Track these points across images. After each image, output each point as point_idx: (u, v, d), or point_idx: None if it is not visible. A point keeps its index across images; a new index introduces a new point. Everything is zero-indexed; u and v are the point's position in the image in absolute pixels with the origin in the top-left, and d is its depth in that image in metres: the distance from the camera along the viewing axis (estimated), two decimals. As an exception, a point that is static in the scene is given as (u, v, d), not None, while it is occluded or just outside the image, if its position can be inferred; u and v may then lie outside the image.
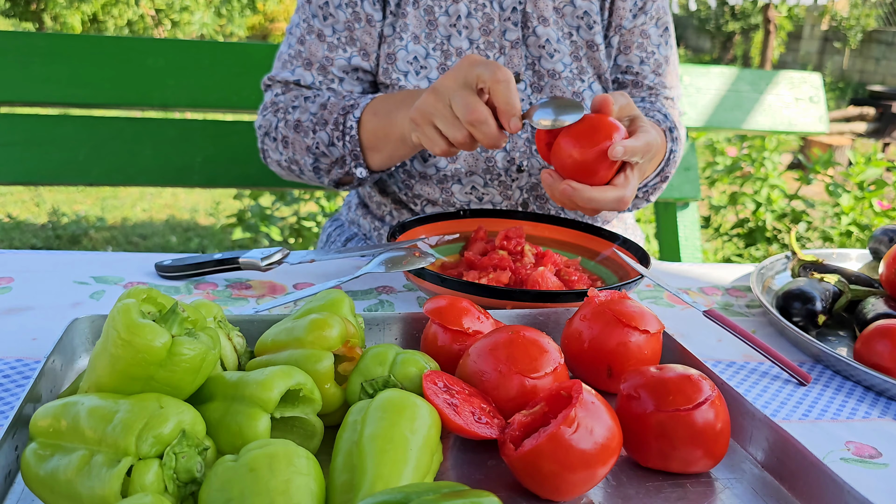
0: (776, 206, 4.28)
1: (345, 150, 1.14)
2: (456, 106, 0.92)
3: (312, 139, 1.17)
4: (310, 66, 1.22)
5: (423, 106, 0.96)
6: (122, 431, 0.51)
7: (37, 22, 10.06)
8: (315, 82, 1.23)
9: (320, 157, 1.18)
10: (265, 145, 1.25)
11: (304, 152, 1.19)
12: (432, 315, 0.74)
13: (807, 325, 0.95)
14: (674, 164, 1.23)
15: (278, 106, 1.23)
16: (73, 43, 1.68)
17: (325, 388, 0.63)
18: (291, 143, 1.19)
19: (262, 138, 1.26)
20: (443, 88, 0.95)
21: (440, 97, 0.95)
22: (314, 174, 1.21)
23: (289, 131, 1.19)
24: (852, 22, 13.65)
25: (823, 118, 2.17)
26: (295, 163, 1.21)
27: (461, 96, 0.92)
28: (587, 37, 1.24)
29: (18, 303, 0.90)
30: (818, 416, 0.78)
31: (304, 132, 1.17)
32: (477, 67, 0.93)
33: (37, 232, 4.13)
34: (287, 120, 1.20)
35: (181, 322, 0.58)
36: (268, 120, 1.24)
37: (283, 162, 1.24)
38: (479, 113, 0.91)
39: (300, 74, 1.23)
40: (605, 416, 0.58)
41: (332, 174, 1.20)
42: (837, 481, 0.57)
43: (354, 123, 1.13)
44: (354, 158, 1.15)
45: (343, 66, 1.22)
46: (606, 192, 0.92)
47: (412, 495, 0.46)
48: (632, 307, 0.74)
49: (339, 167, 1.18)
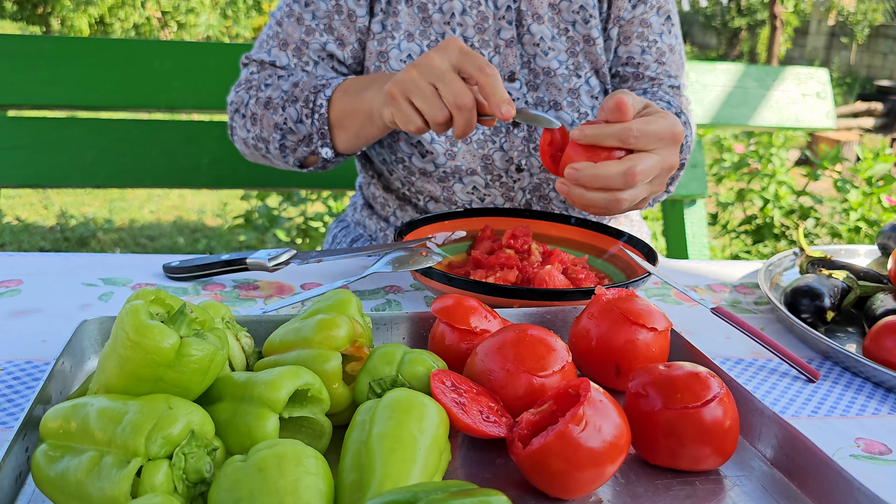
0: (784, 203, 4.26)
1: (312, 127, 1.13)
2: (444, 89, 0.92)
3: (281, 116, 1.16)
4: (285, 47, 1.22)
5: (403, 81, 0.95)
6: (131, 432, 0.51)
7: (44, 25, 10.10)
8: (290, 64, 1.23)
9: (287, 133, 1.16)
10: (234, 122, 1.25)
11: (272, 129, 1.17)
12: (440, 314, 0.74)
13: (815, 322, 0.95)
14: (687, 151, 1.21)
15: (251, 83, 1.22)
16: (79, 46, 1.69)
17: (334, 388, 0.63)
18: (260, 119, 1.18)
19: (231, 115, 1.25)
20: (427, 67, 0.93)
21: (423, 75, 0.93)
22: (280, 153, 1.20)
23: (258, 108, 1.18)
24: (859, 17, 13.58)
25: (831, 114, 2.16)
26: (262, 140, 1.20)
27: (451, 80, 0.92)
28: (583, 31, 1.24)
29: (27, 305, 0.90)
30: (827, 412, 0.77)
31: (274, 109, 1.16)
32: (465, 57, 0.92)
33: (45, 234, 4.15)
34: (258, 97, 1.19)
35: (189, 323, 0.58)
36: (240, 96, 1.23)
37: (249, 140, 1.22)
38: (469, 100, 0.92)
39: (276, 55, 1.23)
40: (614, 414, 0.58)
41: (298, 153, 1.18)
42: (847, 478, 0.57)
43: (325, 101, 1.12)
44: (321, 137, 1.13)
45: (318, 49, 1.22)
46: (610, 167, 0.88)
47: (421, 494, 0.46)
48: (639, 305, 0.74)
49: (304, 145, 1.17)
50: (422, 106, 0.94)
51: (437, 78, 0.92)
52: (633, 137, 0.88)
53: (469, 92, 0.92)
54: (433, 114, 0.93)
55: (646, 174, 0.89)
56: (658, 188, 0.95)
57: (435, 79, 0.92)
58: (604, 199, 0.90)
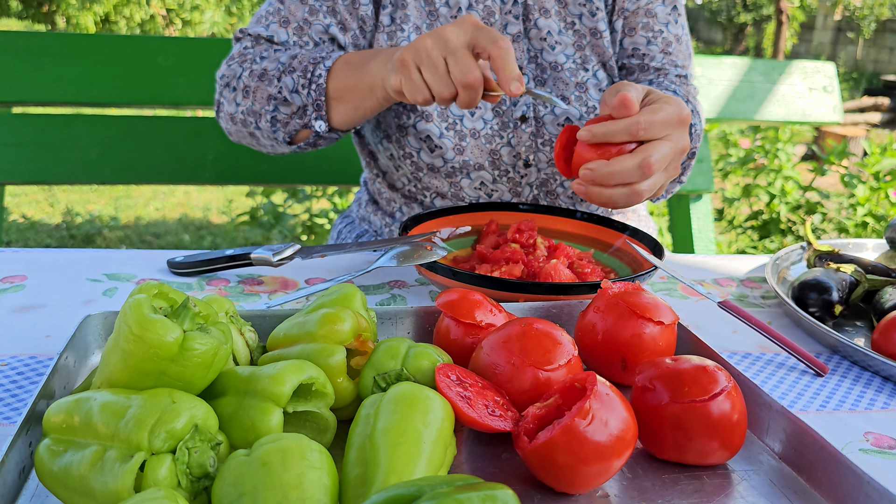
0: (790, 198, 4.24)
1: (308, 98, 1.10)
2: (454, 64, 0.92)
3: (276, 86, 1.12)
4: (286, 24, 1.19)
5: (416, 49, 0.94)
6: (134, 426, 0.51)
7: (49, 24, 10.13)
8: (289, 41, 1.19)
9: (280, 104, 1.12)
10: (222, 97, 1.20)
11: (265, 101, 1.13)
12: (445, 308, 0.73)
13: (823, 316, 0.94)
14: (697, 139, 1.19)
15: (245, 56, 1.19)
16: (84, 43, 1.69)
17: (338, 382, 0.63)
18: (253, 91, 1.14)
19: (220, 89, 1.21)
20: (441, 40, 0.93)
21: (437, 47, 0.93)
22: (270, 127, 1.15)
23: (252, 80, 1.14)
24: (865, 11, 13.52)
25: (837, 108, 2.15)
26: (252, 113, 1.15)
27: (462, 56, 0.92)
28: (590, 24, 1.23)
29: (32, 300, 0.90)
30: (836, 406, 0.77)
31: (269, 80, 1.13)
32: (480, 31, 0.92)
33: (51, 232, 4.16)
34: (252, 69, 1.15)
35: (193, 317, 0.57)
36: (232, 70, 1.19)
37: (237, 115, 1.18)
38: (476, 79, 0.92)
39: (274, 31, 1.19)
40: (620, 408, 0.57)
41: (290, 126, 1.14)
42: (857, 472, 0.56)
43: (324, 72, 1.09)
44: (316, 109, 1.10)
45: (320, 31, 1.19)
46: (624, 161, 0.88)
47: (426, 488, 0.46)
48: (646, 299, 0.74)
49: (298, 117, 1.13)
50: (430, 79, 0.94)
51: (449, 52, 0.92)
52: (642, 130, 0.87)
53: (477, 70, 0.92)
54: (440, 89, 0.94)
55: (661, 163, 0.89)
56: (674, 173, 0.94)
57: (448, 52, 0.92)
58: (623, 195, 0.90)
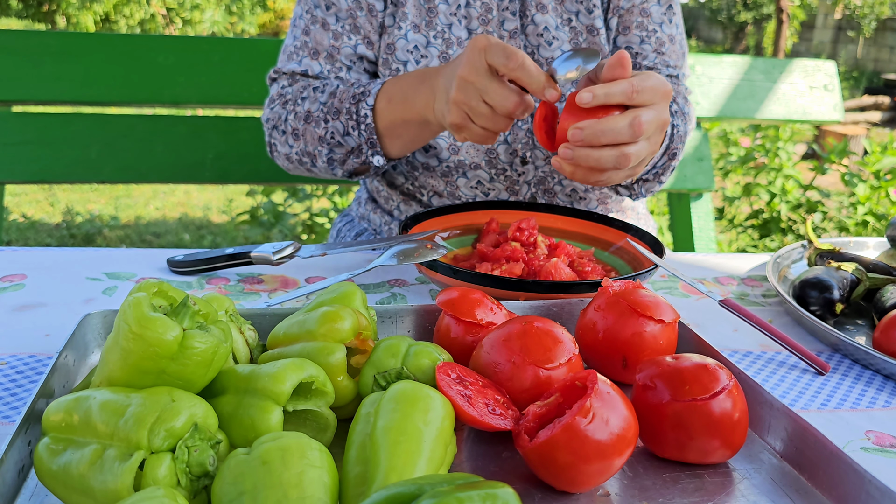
0: (791, 197, 4.24)
1: (360, 139, 1.13)
2: (492, 100, 0.93)
3: (324, 129, 1.15)
4: (317, 56, 1.21)
5: (458, 107, 0.95)
6: (134, 425, 0.50)
7: (49, 23, 10.13)
8: (323, 71, 1.22)
9: (335, 147, 1.16)
10: (273, 139, 1.24)
11: (317, 142, 1.17)
12: (445, 307, 0.73)
13: (824, 314, 0.94)
14: (679, 140, 1.18)
15: (286, 98, 1.22)
16: (84, 41, 1.69)
17: (338, 381, 0.62)
18: (302, 134, 1.18)
19: (269, 132, 1.24)
20: (468, 86, 0.93)
21: (469, 94, 0.94)
22: (328, 166, 1.20)
23: (299, 123, 1.18)
24: (866, 10, 13.51)
25: (838, 106, 2.15)
26: (307, 154, 1.20)
27: (493, 90, 0.93)
28: (587, 21, 1.23)
29: (31, 299, 0.90)
30: (837, 405, 0.77)
31: (316, 122, 1.16)
32: (489, 54, 0.92)
33: (51, 231, 4.16)
34: (297, 112, 1.18)
35: (192, 315, 0.57)
36: (276, 112, 1.22)
37: (293, 155, 1.22)
38: (518, 104, 0.93)
39: (307, 64, 1.22)
40: (621, 407, 0.57)
41: (348, 164, 1.18)
42: (858, 471, 0.56)
43: (368, 111, 1.11)
44: (371, 147, 1.14)
45: (349, 54, 1.21)
46: (615, 119, 0.88)
47: (426, 487, 0.46)
48: (646, 297, 0.74)
49: (354, 157, 1.16)
50: (486, 125, 0.96)
51: (483, 92, 0.93)
52: (637, 92, 0.88)
53: (513, 95, 0.93)
54: (498, 127, 0.96)
55: (649, 125, 0.89)
56: (655, 147, 0.94)
57: (482, 92, 0.93)
58: (612, 157, 0.89)
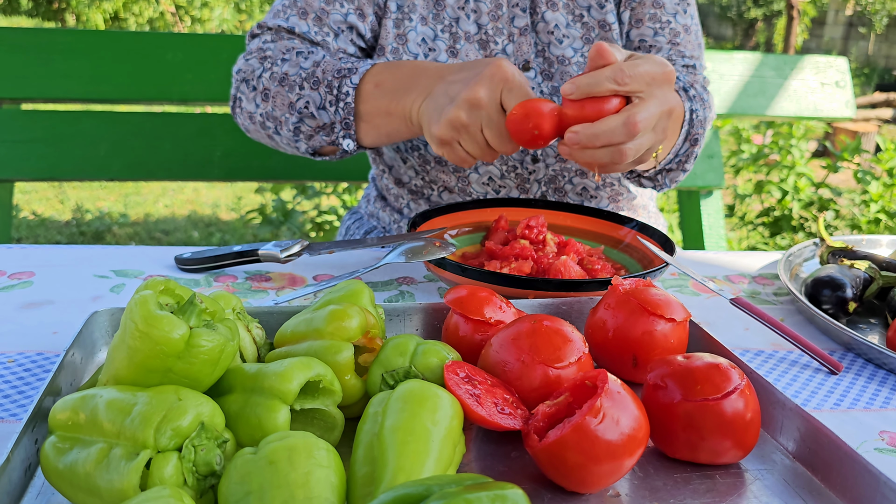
0: (803, 195, 4.22)
1: (336, 116, 1.08)
2: (491, 137, 0.94)
3: (298, 95, 1.09)
4: (305, 16, 1.18)
5: (454, 125, 0.94)
6: (140, 424, 0.50)
7: (59, 21, 10.18)
8: (310, 32, 1.17)
9: (306, 118, 1.10)
10: (240, 93, 1.17)
11: (287, 109, 1.10)
12: (453, 305, 0.73)
13: (837, 313, 0.93)
14: (699, 125, 1.14)
15: (265, 54, 1.16)
16: (93, 39, 1.69)
17: (346, 380, 0.62)
18: (273, 96, 1.11)
19: (237, 84, 1.17)
20: (474, 107, 0.92)
21: (472, 118, 0.93)
22: (293, 135, 1.13)
23: (272, 83, 1.11)
24: (877, 6, 13.42)
25: (850, 103, 2.13)
26: (273, 119, 1.13)
27: (497, 127, 0.93)
28: (598, 16, 1.21)
29: (39, 297, 0.90)
30: (850, 405, 0.76)
31: (290, 87, 1.10)
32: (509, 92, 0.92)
33: (61, 229, 4.17)
34: (273, 71, 1.12)
35: (199, 313, 0.57)
36: (250, 65, 1.16)
37: (257, 116, 1.15)
38: (511, 149, 0.95)
39: (294, 22, 1.18)
40: (632, 406, 0.57)
41: (315, 140, 1.12)
42: (872, 471, 0.55)
43: (351, 90, 1.06)
44: (345, 128, 1.08)
45: (339, 21, 1.18)
46: (609, 121, 0.86)
47: (434, 487, 0.45)
48: (657, 295, 0.73)
49: (324, 134, 1.10)
50: (472, 150, 0.96)
51: (485, 123, 0.93)
52: (627, 77, 0.86)
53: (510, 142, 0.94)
54: (484, 158, 0.97)
55: (647, 121, 0.87)
56: (662, 136, 0.93)
57: (484, 123, 0.93)
58: (607, 154, 0.88)
